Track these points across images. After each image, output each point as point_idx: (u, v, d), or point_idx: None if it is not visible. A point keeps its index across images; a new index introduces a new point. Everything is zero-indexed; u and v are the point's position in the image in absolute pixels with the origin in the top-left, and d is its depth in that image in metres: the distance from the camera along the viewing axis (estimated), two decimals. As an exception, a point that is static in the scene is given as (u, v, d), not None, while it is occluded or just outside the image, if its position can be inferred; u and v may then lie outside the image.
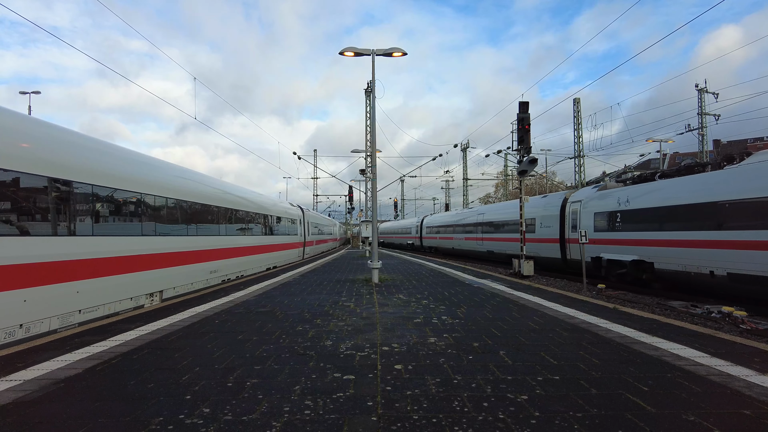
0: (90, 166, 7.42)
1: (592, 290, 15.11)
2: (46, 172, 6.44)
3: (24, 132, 6.36)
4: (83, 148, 7.55)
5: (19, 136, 6.21)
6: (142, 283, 8.73)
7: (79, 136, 7.86)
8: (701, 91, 35.30)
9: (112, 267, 7.75)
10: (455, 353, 4.78)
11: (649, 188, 14.91)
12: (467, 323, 6.36)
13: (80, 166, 7.17)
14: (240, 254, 14.53)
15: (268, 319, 6.75)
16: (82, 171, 7.16)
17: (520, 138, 20.95)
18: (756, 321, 10.33)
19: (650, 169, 60.41)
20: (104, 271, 7.56)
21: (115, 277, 7.84)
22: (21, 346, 5.30)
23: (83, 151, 7.49)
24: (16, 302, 5.87)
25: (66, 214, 6.83)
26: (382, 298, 8.83)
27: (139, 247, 8.60)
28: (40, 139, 6.59)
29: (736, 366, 4.30)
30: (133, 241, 8.45)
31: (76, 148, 7.33)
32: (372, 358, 4.60)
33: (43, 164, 6.41)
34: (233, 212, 14.08)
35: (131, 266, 8.29)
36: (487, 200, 70.41)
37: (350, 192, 44.56)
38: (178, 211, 10.29)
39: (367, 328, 6.03)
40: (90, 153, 7.66)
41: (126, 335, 5.82)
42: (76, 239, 6.92)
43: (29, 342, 5.50)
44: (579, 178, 34.44)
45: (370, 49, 12.06)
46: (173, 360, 4.63)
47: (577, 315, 7.00)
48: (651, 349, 4.92)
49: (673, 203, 13.36)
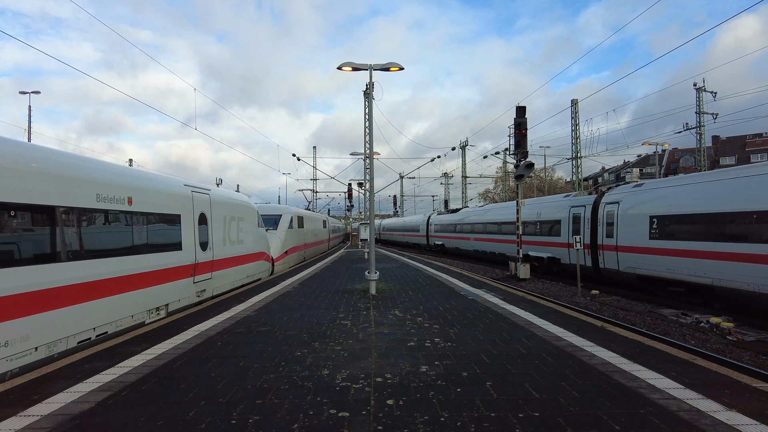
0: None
1: (586, 296, 15.44)
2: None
3: None
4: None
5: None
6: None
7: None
8: (699, 89, 35.54)
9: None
10: (444, 384, 5.08)
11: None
12: (458, 347, 6.67)
13: None
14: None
15: (268, 341, 7.06)
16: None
17: (517, 142, 21.23)
18: (743, 332, 10.66)
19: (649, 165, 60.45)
20: None
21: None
22: (34, 374, 5.61)
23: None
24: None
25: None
26: (378, 315, 9.14)
27: None
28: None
29: (707, 399, 4.59)
30: None
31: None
32: (366, 391, 4.90)
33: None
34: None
35: None
36: (487, 196, 70.68)
37: (349, 190, 44.99)
38: None
39: (363, 354, 6.34)
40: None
41: (132, 360, 6.12)
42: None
43: (42, 369, 5.80)
44: (577, 178, 34.68)
45: (368, 64, 12.27)
46: (180, 392, 4.92)
47: (565, 336, 7.30)
48: (630, 379, 5.22)
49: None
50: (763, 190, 10.80)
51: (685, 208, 13.00)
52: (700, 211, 12.38)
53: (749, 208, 11.03)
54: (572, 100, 33.70)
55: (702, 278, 12.29)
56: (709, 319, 11.42)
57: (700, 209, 12.40)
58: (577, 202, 19.17)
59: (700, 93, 34.90)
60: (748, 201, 11.07)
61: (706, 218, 12.17)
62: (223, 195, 13.43)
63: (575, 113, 33.72)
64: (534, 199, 25.90)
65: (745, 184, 11.34)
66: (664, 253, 13.64)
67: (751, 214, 10.98)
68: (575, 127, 33.70)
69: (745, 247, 11.09)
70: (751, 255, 10.87)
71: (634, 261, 15.08)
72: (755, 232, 10.88)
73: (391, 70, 12.30)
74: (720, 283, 11.81)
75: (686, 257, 12.77)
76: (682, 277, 12.98)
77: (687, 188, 13.27)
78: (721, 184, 12.02)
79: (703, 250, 12.17)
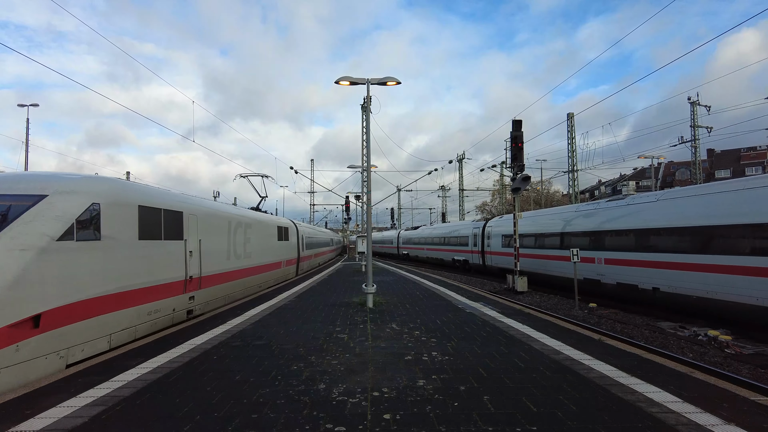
0: None
1: (584, 309, 15.40)
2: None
3: None
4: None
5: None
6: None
7: None
8: (693, 103, 35.93)
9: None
10: (442, 399, 5.05)
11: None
12: (456, 361, 6.63)
13: None
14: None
15: (264, 355, 7.01)
16: None
17: (514, 156, 21.37)
18: (741, 345, 10.64)
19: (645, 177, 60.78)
20: None
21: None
22: (28, 388, 5.54)
23: None
24: None
25: None
26: (375, 328, 9.09)
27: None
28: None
29: (705, 413, 4.58)
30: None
31: None
32: (363, 405, 4.86)
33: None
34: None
35: None
36: (484, 208, 70.74)
37: (347, 202, 45.10)
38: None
39: (360, 368, 6.29)
40: None
41: (127, 374, 6.05)
42: None
43: (35, 383, 5.74)
44: (573, 191, 34.83)
45: (365, 78, 12.38)
46: (175, 406, 4.87)
47: (563, 349, 7.27)
48: (628, 393, 5.20)
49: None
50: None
51: (509, 229, 23.67)
52: (511, 232, 22.28)
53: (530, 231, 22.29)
54: (568, 113, 34.01)
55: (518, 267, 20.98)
56: (707, 332, 11.42)
57: (511, 231, 22.32)
58: (476, 225, 30.45)
59: (694, 107, 35.25)
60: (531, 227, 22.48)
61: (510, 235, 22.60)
62: (305, 226, 28.38)
63: (571, 127, 34.00)
64: (454, 223, 41.12)
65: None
66: (508, 254, 23.47)
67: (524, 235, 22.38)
68: (571, 140, 33.96)
69: (525, 251, 22.02)
70: (525, 254, 21.91)
71: (496, 260, 26.58)
72: (532, 242, 22.15)
73: (388, 84, 12.41)
74: (529, 269, 21.64)
75: (511, 257, 21.86)
76: (510, 267, 21.82)
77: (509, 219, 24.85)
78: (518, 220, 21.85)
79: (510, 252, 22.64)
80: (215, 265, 12.21)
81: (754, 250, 10.99)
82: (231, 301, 13.59)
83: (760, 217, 10.95)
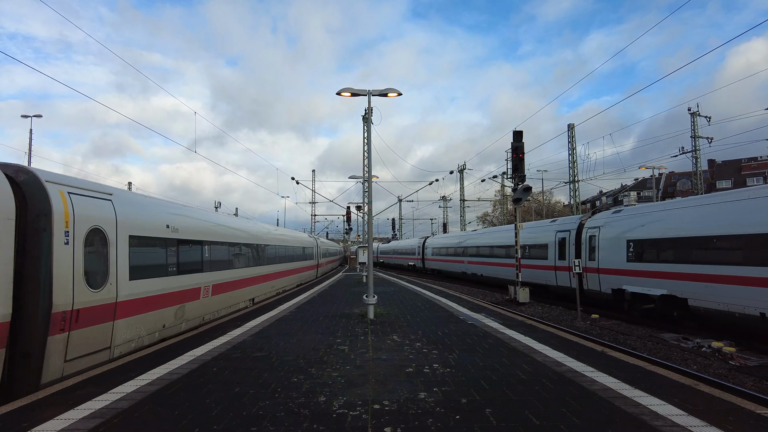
0: None
1: (586, 320, 15.30)
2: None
3: None
4: None
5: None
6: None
7: None
8: (693, 114, 36.06)
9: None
10: (443, 411, 4.99)
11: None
12: (457, 373, 6.57)
13: None
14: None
15: (264, 367, 6.95)
16: None
17: (515, 166, 21.39)
18: (745, 357, 10.53)
19: (646, 188, 60.62)
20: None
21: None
22: (25, 400, 5.49)
23: None
24: None
25: None
26: (376, 340, 9.03)
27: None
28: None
29: (710, 427, 4.51)
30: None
31: None
32: (363, 418, 4.80)
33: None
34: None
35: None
36: (485, 219, 70.70)
37: (348, 213, 45.11)
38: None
39: (360, 380, 6.23)
40: None
41: (126, 386, 6.00)
42: None
43: (34, 396, 5.69)
44: (574, 201, 34.83)
45: (366, 90, 12.46)
46: (173, 419, 4.82)
47: (565, 361, 7.20)
48: (631, 406, 5.13)
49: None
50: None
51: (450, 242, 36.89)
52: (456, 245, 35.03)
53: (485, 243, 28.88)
54: (569, 124, 34.15)
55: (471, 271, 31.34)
56: (710, 344, 11.31)
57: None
58: (419, 241, 45.19)
59: (694, 117, 35.38)
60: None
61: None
62: (321, 241, 40.25)
63: (572, 137, 34.11)
64: (401, 241, 60.53)
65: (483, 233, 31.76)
66: (459, 262, 33.07)
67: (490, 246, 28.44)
68: (572, 150, 34.05)
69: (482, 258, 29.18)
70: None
71: (434, 264, 39.03)
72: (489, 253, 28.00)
73: (389, 96, 12.48)
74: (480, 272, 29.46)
75: (474, 264, 30.08)
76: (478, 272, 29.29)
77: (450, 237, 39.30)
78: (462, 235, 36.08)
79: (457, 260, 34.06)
80: (293, 265, 24.58)
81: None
82: (303, 281, 27.78)
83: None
